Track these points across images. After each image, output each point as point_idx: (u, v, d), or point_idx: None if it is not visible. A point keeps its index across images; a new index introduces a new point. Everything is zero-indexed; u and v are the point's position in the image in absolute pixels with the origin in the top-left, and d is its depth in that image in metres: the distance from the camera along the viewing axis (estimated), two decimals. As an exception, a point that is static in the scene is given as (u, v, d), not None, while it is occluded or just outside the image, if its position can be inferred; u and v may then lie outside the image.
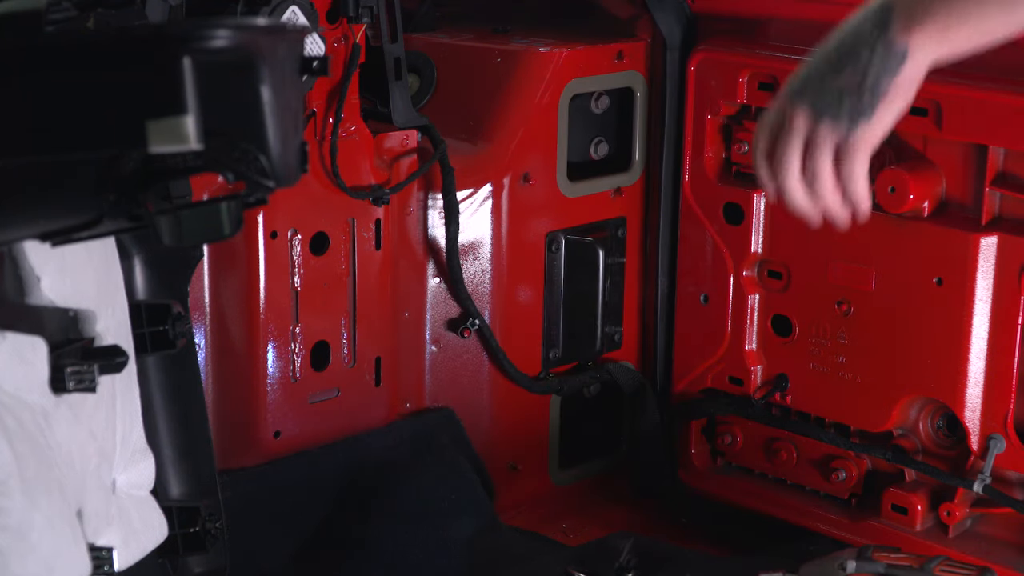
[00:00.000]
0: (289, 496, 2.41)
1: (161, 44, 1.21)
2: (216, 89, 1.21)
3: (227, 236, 1.30)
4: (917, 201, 2.37)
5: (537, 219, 2.68)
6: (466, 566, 2.49)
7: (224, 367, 2.35)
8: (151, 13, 2.00)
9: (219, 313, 2.33)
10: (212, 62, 1.21)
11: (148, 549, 1.76)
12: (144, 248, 2.08)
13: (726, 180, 2.63)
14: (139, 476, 1.79)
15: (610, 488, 2.88)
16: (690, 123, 2.64)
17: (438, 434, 2.61)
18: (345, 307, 2.45)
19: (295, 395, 2.42)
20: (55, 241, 1.34)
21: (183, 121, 1.19)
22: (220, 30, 1.21)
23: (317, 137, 2.36)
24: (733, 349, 2.66)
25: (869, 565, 2.12)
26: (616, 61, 2.71)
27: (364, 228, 2.44)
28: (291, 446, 2.42)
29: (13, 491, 1.32)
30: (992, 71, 2.26)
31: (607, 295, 2.77)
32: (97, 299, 1.61)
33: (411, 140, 2.51)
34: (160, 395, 2.12)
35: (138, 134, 1.20)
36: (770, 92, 2.51)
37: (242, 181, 1.26)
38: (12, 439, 1.33)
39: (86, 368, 1.45)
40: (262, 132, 1.24)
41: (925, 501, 2.46)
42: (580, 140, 2.72)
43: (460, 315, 2.61)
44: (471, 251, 2.62)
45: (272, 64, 1.24)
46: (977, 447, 2.38)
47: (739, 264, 2.62)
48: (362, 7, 2.34)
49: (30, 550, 1.34)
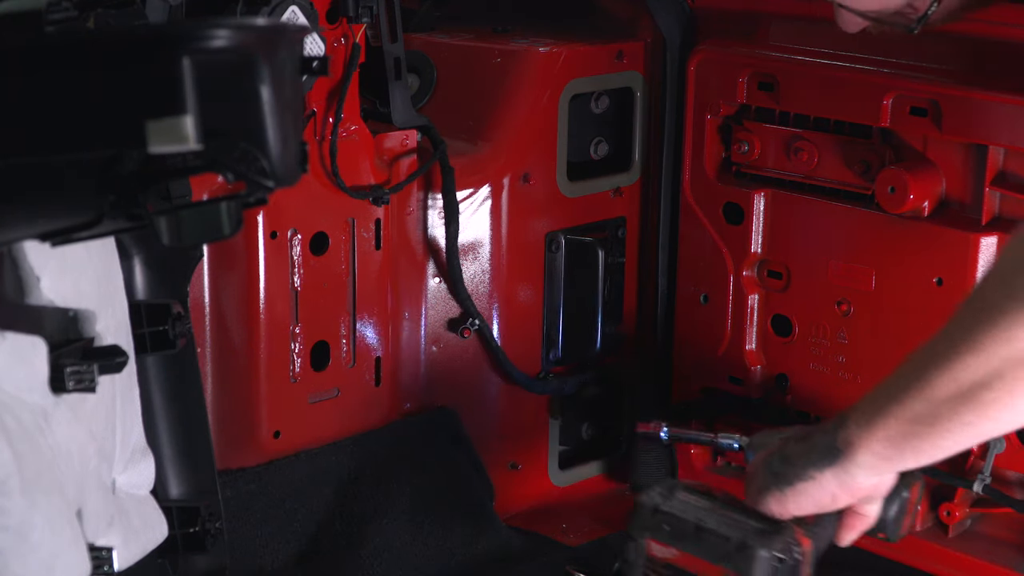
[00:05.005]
0: (289, 496, 2.41)
1: (161, 44, 1.21)
2: (216, 89, 1.21)
3: (227, 236, 1.30)
4: (917, 201, 2.37)
5: (537, 219, 2.68)
6: (466, 566, 2.50)
7: (224, 367, 2.35)
8: (151, 13, 2.00)
9: (219, 313, 2.33)
10: (212, 62, 1.21)
11: (148, 549, 1.76)
12: (144, 248, 2.08)
13: (726, 180, 2.63)
14: (139, 476, 1.79)
15: (610, 488, 2.88)
16: (690, 123, 2.64)
17: (438, 434, 2.61)
18: (345, 307, 2.45)
19: (295, 395, 2.42)
20: (55, 241, 1.34)
21: (183, 121, 1.19)
22: (220, 30, 1.21)
23: (317, 137, 2.36)
24: (733, 349, 2.66)
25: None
26: (616, 61, 2.71)
27: (364, 228, 2.44)
28: (291, 446, 2.42)
29: (13, 491, 1.32)
30: (991, 71, 2.26)
31: (607, 295, 2.77)
32: (97, 299, 1.61)
33: (411, 140, 2.51)
34: (160, 395, 2.12)
35: (138, 134, 1.19)
36: (770, 92, 2.51)
37: (242, 181, 1.25)
38: (12, 439, 1.33)
39: (86, 368, 1.45)
40: (262, 132, 1.24)
41: (925, 501, 2.46)
42: (580, 140, 2.72)
43: (460, 315, 2.61)
44: (471, 251, 2.62)
45: (272, 64, 1.24)
46: (977, 447, 2.38)
47: (739, 264, 2.62)
48: (362, 7, 2.34)
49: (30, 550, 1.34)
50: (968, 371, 1.67)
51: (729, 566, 1.90)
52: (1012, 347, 1.63)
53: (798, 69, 2.48)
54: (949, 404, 1.70)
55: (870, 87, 2.37)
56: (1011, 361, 1.64)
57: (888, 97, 2.35)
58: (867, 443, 1.80)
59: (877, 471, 1.84)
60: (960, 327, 1.70)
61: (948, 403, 1.70)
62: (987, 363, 1.65)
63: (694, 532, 1.93)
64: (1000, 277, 1.70)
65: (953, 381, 1.68)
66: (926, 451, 1.77)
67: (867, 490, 1.88)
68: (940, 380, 1.70)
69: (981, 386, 1.67)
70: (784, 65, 2.49)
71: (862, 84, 2.39)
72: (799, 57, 2.49)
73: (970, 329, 1.68)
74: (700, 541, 1.93)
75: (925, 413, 1.73)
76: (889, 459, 1.81)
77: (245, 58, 1.23)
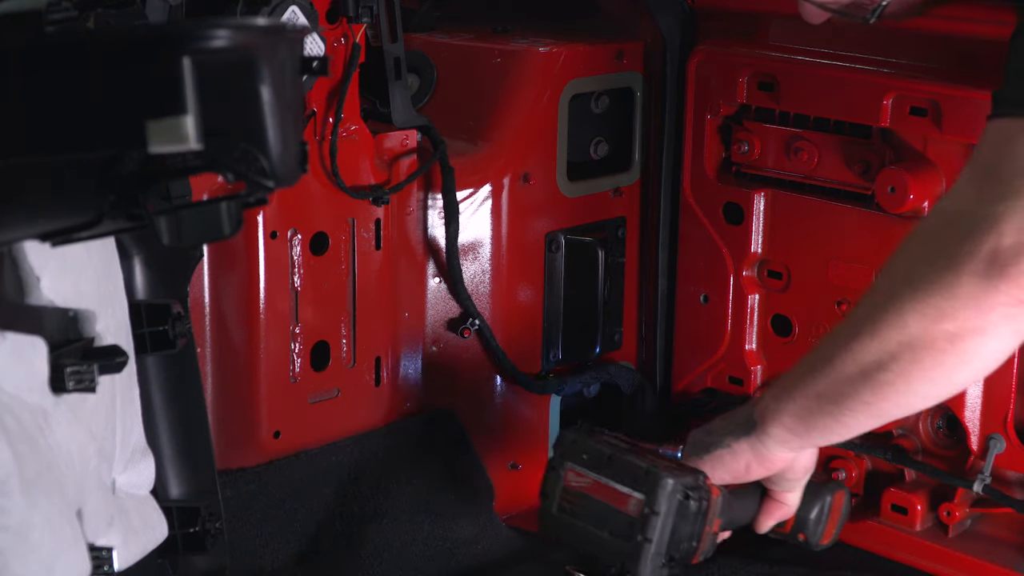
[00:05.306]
0: (289, 496, 2.41)
1: (161, 44, 1.21)
2: (216, 89, 1.21)
3: (227, 236, 1.30)
4: (917, 201, 2.36)
5: (537, 219, 2.68)
6: (466, 566, 2.50)
7: (224, 367, 2.35)
8: (151, 13, 2.00)
9: (219, 313, 2.33)
10: (212, 62, 1.21)
11: (148, 549, 1.76)
12: (144, 248, 2.08)
13: (726, 180, 2.63)
14: (139, 476, 1.79)
15: (610, 488, 2.87)
16: (690, 123, 2.64)
17: (438, 434, 2.62)
18: (345, 307, 2.46)
19: (295, 395, 2.42)
20: (55, 241, 1.34)
21: (183, 121, 1.19)
22: (220, 30, 1.21)
23: (317, 137, 2.36)
24: (733, 349, 2.66)
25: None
26: (616, 61, 2.71)
27: (364, 228, 2.44)
28: (291, 446, 2.42)
29: (13, 491, 1.32)
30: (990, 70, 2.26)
31: (607, 295, 2.77)
32: (97, 299, 1.61)
33: (411, 140, 2.51)
34: (160, 395, 2.12)
35: (138, 134, 1.19)
36: (770, 92, 2.51)
37: (242, 181, 1.25)
38: (12, 439, 1.33)
39: (86, 368, 1.45)
40: (262, 132, 1.24)
41: (925, 501, 2.46)
42: (580, 140, 2.72)
43: (460, 315, 2.62)
44: (471, 251, 2.62)
45: (272, 64, 1.24)
46: (977, 447, 2.38)
47: (739, 264, 2.62)
48: (362, 7, 2.34)
49: (30, 550, 1.34)
50: (867, 352, 1.79)
51: (637, 492, 1.95)
52: (906, 331, 1.75)
53: (798, 69, 2.48)
54: (850, 383, 1.82)
55: (870, 87, 2.37)
56: (904, 344, 1.76)
57: (888, 97, 2.35)
58: (778, 416, 1.94)
59: (788, 445, 1.96)
60: (862, 312, 1.84)
61: (849, 382, 1.82)
62: (883, 346, 1.78)
63: (608, 460, 2.01)
64: (898, 267, 1.82)
65: (854, 362, 1.81)
66: (831, 428, 1.91)
67: (780, 464, 2.00)
68: (842, 360, 1.83)
69: (878, 367, 1.79)
70: (784, 65, 2.49)
71: (862, 84, 2.39)
72: (799, 57, 2.49)
73: (870, 314, 1.81)
74: (613, 467, 2.01)
75: (829, 391, 1.86)
76: (798, 433, 1.94)
77: (245, 58, 1.23)
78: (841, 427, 1.90)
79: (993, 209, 1.69)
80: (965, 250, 1.70)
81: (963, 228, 1.72)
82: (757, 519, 2.12)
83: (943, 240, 1.74)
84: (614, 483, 2.00)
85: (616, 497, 2.00)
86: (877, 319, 1.79)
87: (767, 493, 2.09)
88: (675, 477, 1.95)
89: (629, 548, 1.98)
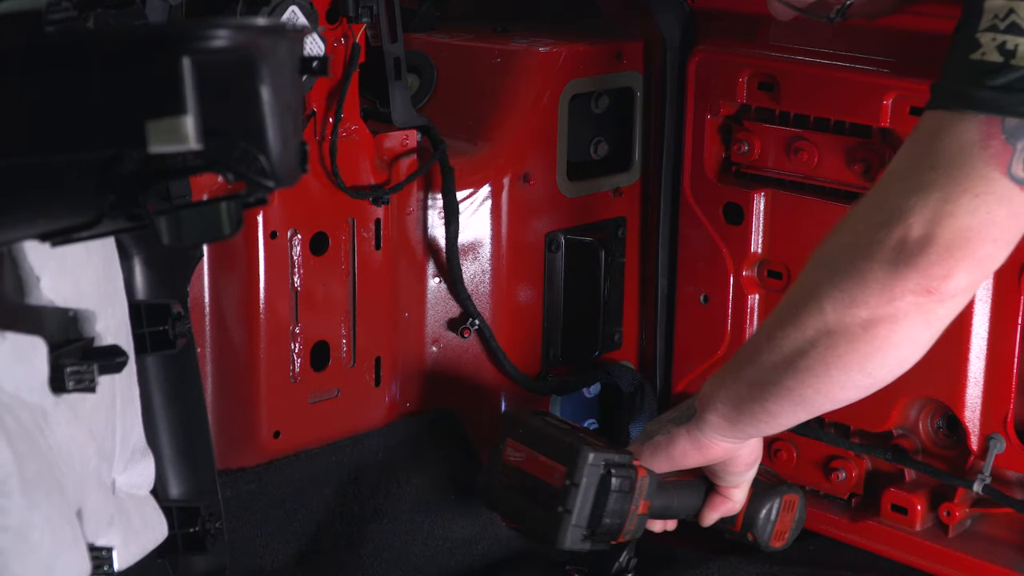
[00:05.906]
0: (289, 496, 2.41)
1: (161, 44, 1.21)
2: (216, 89, 1.21)
3: (227, 236, 1.30)
4: (917, 201, 2.36)
5: (537, 219, 2.68)
6: (466, 566, 2.50)
7: (224, 367, 2.35)
8: (151, 13, 2.00)
9: (219, 313, 2.33)
10: (212, 62, 1.21)
11: (148, 549, 1.76)
12: (144, 248, 2.08)
13: (726, 180, 2.63)
14: (139, 476, 1.79)
15: (610, 488, 2.87)
16: (690, 123, 2.64)
17: (438, 434, 2.62)
18: (345, 307, 2.46)
19: (295, 395, 2.42)
20: (55, 241, 1.34)
21: (183, 121, 1.19)
22: (220, 30, 1.21)
23: (317, 137, 2.36)
24: (733, 349, 2.65)
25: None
26: (616, 61, 2.71)
27: (364, 228, 2.44)
28: (291, 446, 2.42)
29: (13, 491, 1.32)
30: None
31: (607, 295, 2.77)
32: (97, 299, 1.61)
33: (411, 140, 2.51)
34: (160, 395, 2.12)
35: (138, 134, 1.20)
36: (770, 92, 2.51)
37: (242, 181, 1.26)
38: (12, 439, 1.33)
39: (86, 368, 1.45)
40: (262, 132, 1.24)
41: (925, 501, 2.46)
42: (580, 140, 2.72)
43: (460, 315, 2.62)
44: (471, 251, 2.62)
45: (272, 64, 1.24)
46: (977, 447, 2.38)
47: (739, 264, 2.62)
48: (362, 7, 2.34)
49: (30, 550, 1.34)
50: (788, 339, 1.86)
51: (561, 464, 2.03)
52: (822, 318, 1.81)
53: (798, 69, 2.47)
54: (775, 370, 1.88)
55: (870, 87, 2.37)
56: (821, 331, 1.82)
57: (888, 97, 2.35)
58: (713, 403, 2.00)
59: (723, 432, 2.02)
60: (787, 301, 1.90)
61: (774, 369, 1.89)
62: (802, 333, 1.84)
63: (539, 434, 2.10)
64: (821, 255, 1.88)
65: (777, 349, 1.88)
66: (761, 417, 1.96)
67: (718, 452, 2.06)
68: (768, 348, 1.89)
69: (798, 354, 1.85)
70: (784, 65, 2.49)
71: (862, 84, 2.39)
72: (799, 57, 2.49)
73: (792, 302, 1.88)
74: (543, 441, 2.10)
75: (757, 378, 1.92)
76: (731, 421, 2.00)
77: (245, 58, 1.23)
78: (769, 416, 1.95)
79: (906, 200, 1.75)
80: (877, 239, 1.76)
81: (878, 218, 1.78)
82: (701, 512, 2.19)
83: (860, 229, 1.80)
84: (543, 456, 2.09)
85: (545, 470, 2.07)
86: (799, 306, 1.85)
87: (713, 487, 2.16)
88: (597, 451, 2.02)
89: (551, 519, 2.04)
